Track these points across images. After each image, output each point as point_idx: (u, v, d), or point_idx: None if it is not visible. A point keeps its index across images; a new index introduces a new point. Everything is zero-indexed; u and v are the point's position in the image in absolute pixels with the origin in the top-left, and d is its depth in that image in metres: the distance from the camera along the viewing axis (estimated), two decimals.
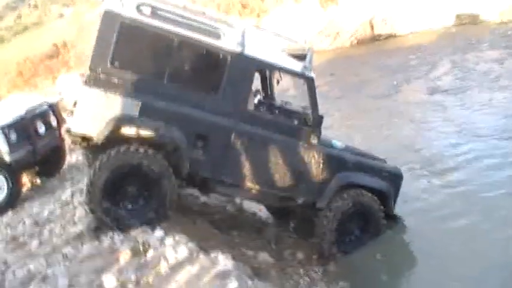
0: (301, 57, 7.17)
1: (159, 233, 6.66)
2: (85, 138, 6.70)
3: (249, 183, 7.21)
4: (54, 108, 10.68)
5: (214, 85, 6.93)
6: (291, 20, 29.27)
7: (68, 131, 6.78)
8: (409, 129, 11.89)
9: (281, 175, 7.27)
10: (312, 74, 7.28)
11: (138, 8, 6.51)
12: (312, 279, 7.35)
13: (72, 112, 6.88)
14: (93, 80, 6.48)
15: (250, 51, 6.95)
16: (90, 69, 6.49)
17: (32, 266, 6.48)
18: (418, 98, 15.04)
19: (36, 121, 10.09)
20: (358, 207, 7.54)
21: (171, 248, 6.27)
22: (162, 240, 6.50)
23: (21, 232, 8.07)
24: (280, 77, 7.94)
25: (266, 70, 8.04)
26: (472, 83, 15.09)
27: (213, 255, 6.14)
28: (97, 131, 6.47)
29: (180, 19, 6.67)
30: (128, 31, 6.55)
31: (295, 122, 7.46)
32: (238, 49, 6.89)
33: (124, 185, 6.66)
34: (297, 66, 7.19)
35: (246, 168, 7.11)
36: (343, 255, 7.65)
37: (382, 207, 7.70)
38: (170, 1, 6.98)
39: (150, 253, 6.27)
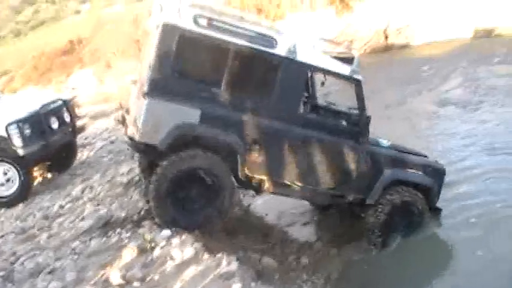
0: (348, 60, 7.56)
1: (166, 232, 6.79)
2: (147, 146, 6.91)
3: (302, 183, 7.56)
4: (68, 104, 10.85)
5: (269, 91, 7.23)
6: (306, 26, 29.46)
7: (131, 139, 7.13)
8: (416, 141, 11.90)
9: (332, 174, 7.62)
10: (360, 77, 7.59)
11: (195, 19, 6.74)
12: (314, 285, 7.44)
13: (123, 119, 7.73)
14: (154, 91, 6.74)
15: (302, 57, 7.25)
16: (151, 80, 6.76)
17: (40, 259, 6.64)
18: (427, 109, 15.03)
19: (50, 117, 10.25)
20: (404, 203, 7.92)
21: (177, 247, 6.41)
22: (168, 239, 6.63)
23: (31, 225, 8.24)
24: (325, 79, 8.07)
25: (313, 73, 8.28)
26: (483, 98, 15.09)
27: (218, 256, 6.26)
28: (160, 140, 6.74)
29: (235, 29, 6.91)
30: (186, 42, 6.77)
31: (344, 123, 7.89)
32: (291, 56, 7.18)
33: (186, 188, 6.96)
34: (346, 69, 7.53)
35: (300, 169, 7.45)
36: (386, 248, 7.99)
37: (426, 201, 8.09)
38: (225, 10, 7.31)
39: (157, 251, 6.40)
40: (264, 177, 7.42)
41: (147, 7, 21.45)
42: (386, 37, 27.25)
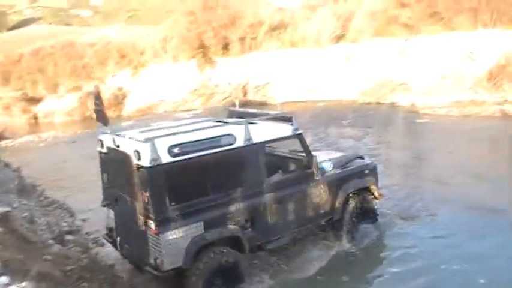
0: (287, 120, 8.98)
1: (3, 278, 6.38)
2: (174, 269, 7.61)
3: (290, 231, 8.90)
4: None
5: (243, 178, 8.28)
6: (168, 76, 29.86)
7: (160, 269, 7.57)
8: None
9: (309, 211, 9.04)
10: (300, 131, 8.95)
11: (169, 151, 7.54)
12: None
13: (113, 240, 8.81)
14: (161, 226, 7.44)
15: (256, 137, 8.37)
16: (155, 217, 7.41)
17: None
18: None
19: None
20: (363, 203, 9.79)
21: None
22: (6, 286, 6.23)
23: None
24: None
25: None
26: None
27: None
28: (183, 261, 7.60)
29: (200, 144, 7.86)
30: (170, 173, 7.52)
31: (299, 169, 9.19)
32: (249, 142, 8.24)
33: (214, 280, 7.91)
34: (289, 130, 8.89)
35: (285, 222, 8.72)
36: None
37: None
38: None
39: None
40: (260, 242, 8.55)
41: None
42: (245, 93, 28.23)
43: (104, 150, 8.55)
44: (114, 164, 8.38)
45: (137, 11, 67.04)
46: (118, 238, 8.60)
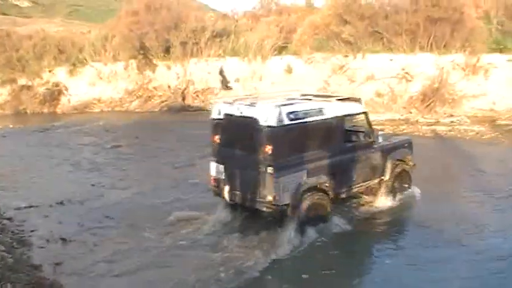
0: (357, 100, 11.65)
1: None
2: (284, 205, 9.90)
3: (357, 184, 11.37)
4: None
5: (331, 141, 10.70)
6: (106, 75, 29.52)
7: (273, 205, 9.82)
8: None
9: (369, 170, 11.57)
10: (366, 109, 11.68)
11: (288, 116, 9.83)
12: None
13: (219, 188, 10.72)
14: (280, 171, 9.74)
15: (338, 112, 10.80)
16: (275, 164, 9.69)
17: None
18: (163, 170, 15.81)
19: None
20: (403, 170, 12.25)
21: None
22: None
23: None
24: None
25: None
26: None
27: None
28: (292, 198, 9.93)
29: (309, 113, 10.25)
30: (287, 132, 9.81)
31: (364, 139, 11.57)
32: (335, 114, 10.69)
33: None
34: (360, 108, 11.47)
35: (354, 177, 11.20)
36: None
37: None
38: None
39: None
40: (339, 192, 10.94)
41: None
42: (184, 98, 28.21)
43: (221, 116, 10.56)
44: (233, 127, 10.42)
45: (79, 6, 65.72)
46: (226, 187, 10.54)
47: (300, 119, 10.01)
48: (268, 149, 9.67)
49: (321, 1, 31.98)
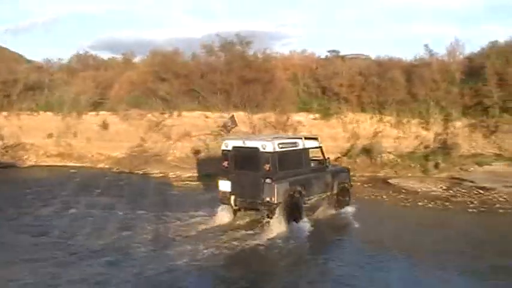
0: (313, 138, 17.53)
1: None
2: (271, 204, 14.58)
3: (316, 195, 16.47)
4: None
5: (302, 163, 16.06)
6: None
7: (268, 202, 14.57)
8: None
9: (324, 185, 16.92)
10: (320, 143, 17.36)
11: (278, 145, 15.02)
12: None
13: (229, 195, 15.33)
14: (275, 179, 14.59)
15: (306, 145, 16.38)
16: (272, 176, 14.59)
17: None
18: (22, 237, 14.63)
19: None
20: (344, 188, 18.07)
21: None
22: None
23: None
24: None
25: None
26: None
27: None
28: (281, 199, 14.73)
29: (289, 144, 15.78)
30: (277, 156, 14.89)
31: (321, 164, 17.19)
32: (303, 147, 16.21)
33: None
34: (317, 143, 17.15)
35: (315, 189, 16.33)
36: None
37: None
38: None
39: None
40: (307, 198, 15.89)
41: None
42: None
43: (229, 148, 15.47)
44: (239, 155, 15.26)
45: None
46: (232, 196, 15.23)
47: (285, 148, 15.30)
48: (267, 166, 14.68)
49: (139, 58, 32.18)
